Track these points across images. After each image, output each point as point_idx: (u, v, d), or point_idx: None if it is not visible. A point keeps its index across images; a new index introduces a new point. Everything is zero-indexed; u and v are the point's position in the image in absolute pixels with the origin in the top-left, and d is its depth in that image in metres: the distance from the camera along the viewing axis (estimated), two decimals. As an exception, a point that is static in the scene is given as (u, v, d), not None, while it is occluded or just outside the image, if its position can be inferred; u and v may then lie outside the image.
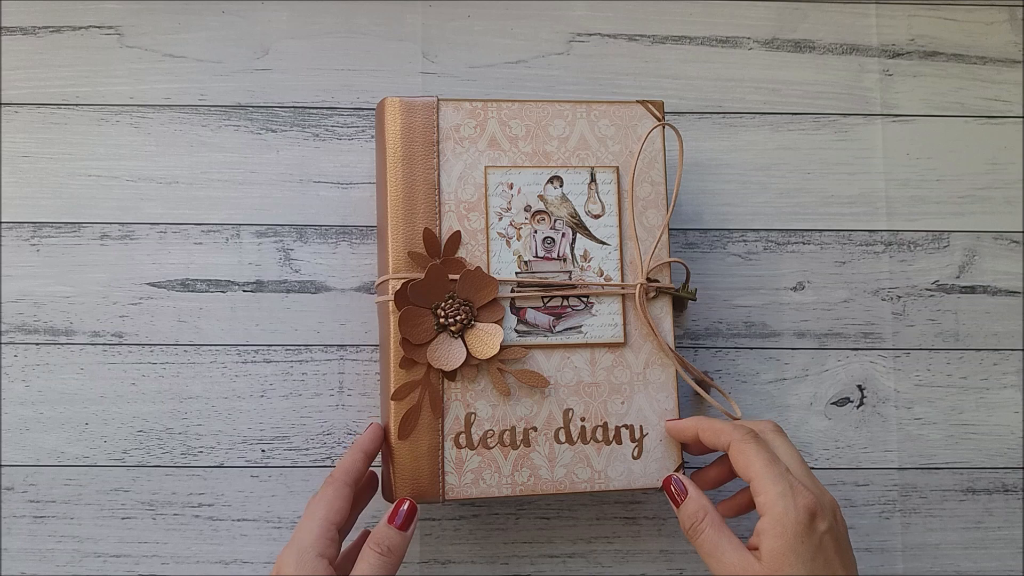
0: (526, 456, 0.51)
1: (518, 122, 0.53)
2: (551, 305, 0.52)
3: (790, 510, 0.44)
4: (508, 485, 0.51)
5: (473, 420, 0.51)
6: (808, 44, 0.64)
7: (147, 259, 0.59)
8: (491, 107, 0.53)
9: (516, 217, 0.53)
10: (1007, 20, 0.65)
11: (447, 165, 0.52)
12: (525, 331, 0.52)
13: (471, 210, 0.52)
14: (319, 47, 0.62)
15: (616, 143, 0.54)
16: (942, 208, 0.63)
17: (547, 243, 0.53)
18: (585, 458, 0.52)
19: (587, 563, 0.59)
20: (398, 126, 0.52)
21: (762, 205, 0.62)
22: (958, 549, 0.60)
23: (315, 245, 0.60)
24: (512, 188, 0.53)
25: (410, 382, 0.50)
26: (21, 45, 0.61)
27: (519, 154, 0.53)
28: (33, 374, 0.58)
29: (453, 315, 0.50)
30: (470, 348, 0.51)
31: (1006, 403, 0.61)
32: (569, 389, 0.52)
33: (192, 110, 0.61)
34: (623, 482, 0.52)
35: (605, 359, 0.52)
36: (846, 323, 0.61)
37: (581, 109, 0.54)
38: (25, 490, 0.57)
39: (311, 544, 0.45)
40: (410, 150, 0.52)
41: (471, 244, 0.52)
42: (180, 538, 0.57)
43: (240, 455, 0.58)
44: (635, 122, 0.54)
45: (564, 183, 0.53)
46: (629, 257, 0.53)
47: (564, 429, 0.52)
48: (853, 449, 0.60)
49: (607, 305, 0.53)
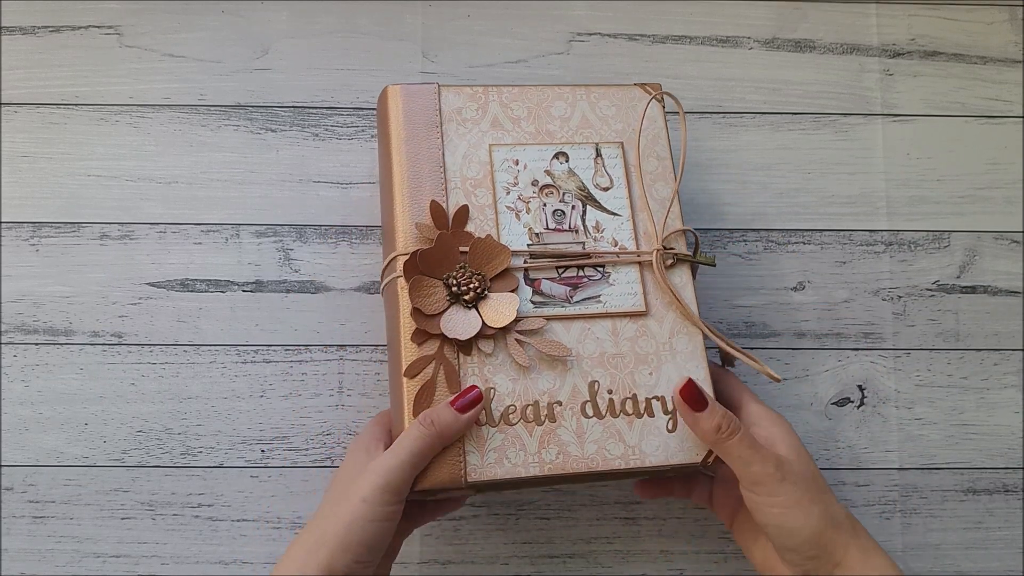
0: (552, 432, 0.48)
1: (519, 104, 0.53)
2: (566, 276, 0.51)
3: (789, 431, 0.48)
4: (536, 464, 0.47)
5: (493, 395, 0.48)
6: (808, 44, 0.64)
7: (147, 259, 0.59)
8: (492, 91, 0.53)
9: (524, 191, 0.52)
10: (1007, 20, 0.65)
11: (451, 145, 0.52)
12: (541, 302, 0.50)
13: (478, 186, 0.51)
14: (319, 47, 0.62)
15: (618, 122, 0.54)
16: (942, 208, 0.63)
17: (557, 215, 0.52)
18: (617, 432, 0.48)
19: (587, 563, 0.59)
20: (400, 110, 0.52)
21: (762, 205, 0.62)
22: (958, 549, 0.60)
23: (315, 245, 0.60)
24: (518, 164, 0.52)
25: (423, 357, 0.47)
26: (21, 45, 0.61)
27: (522, 133, 0.53)
28: (33, 374, 0.58)
29: (465, 283, 0.48)
30: (485, 317, 0.48)
31: (1006, 403, 0.61)
32: (592, 361, 0.49)
33: (192, 110, 0.61)
34: (660, 457, 0.48)
35: (628, 329, 0.50)
36: (846, 323, 0.61)
37: (581, 92, 0.54)
38: (25, 490, 0.57)
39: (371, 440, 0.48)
40: (413, 132, 0.51)
41: (479, 219, 0.51)
42: (180, 538, 0.57)
43: (240, 455, 0.58)
44: (635, 103, 0.54)
45: (570, 158, 0.53)
46: (643, 228, 0.52)
47: (591, 402, 0.49)
48: (853, 449, 0.60)
49: (624, 274, 0.51)
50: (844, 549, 0.45)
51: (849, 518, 0.47)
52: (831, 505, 0.46)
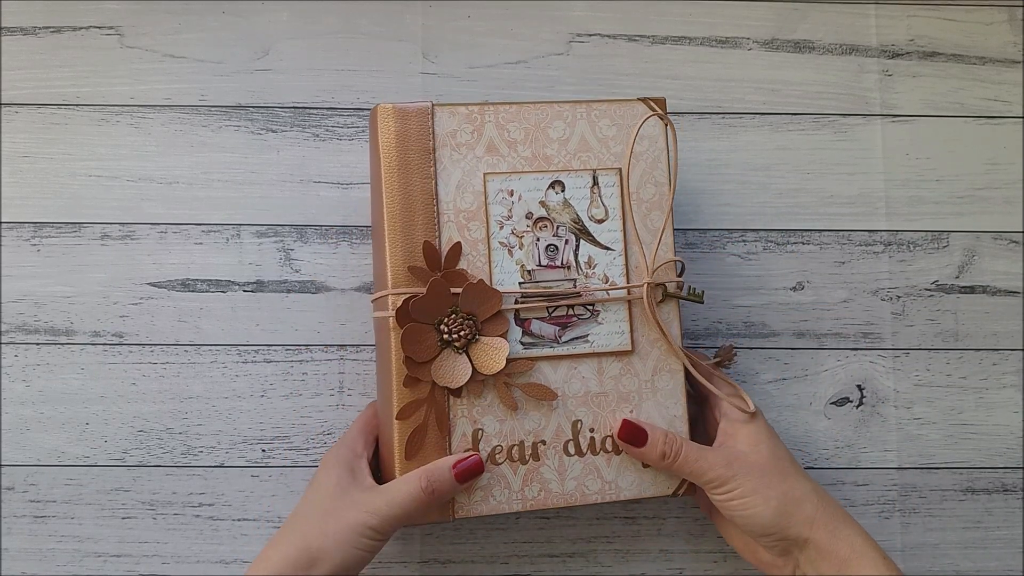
0: (535, 471, 0.50)
1: (516, 125, 0.51)
2: (556, 315, 0.51)
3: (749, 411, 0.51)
4: (518, 501, 0.50)
5: (480, 436, 0.50)
6: (808, 44, 0.64)
7: (147, 259, 0.59)
8: (488, 111, 0.51)
9: (518, 225, 0.51)
10: (1007, 20, 0.65)
11: (444, 173, 0.50)
12: (531, 343, 0.51)
13: (471, 219, 0.50)
14: (319, 47, 0.62)
15: (618, 143, 0.52)
16: (941, 208, 0.63)
17: (550, 251, 0.51)
18: (595, 469, 0.51)
19: (587, 563, 0.59)
20: (392, 134, 0.50)
21: (761, 205, 0.62)
22: (957, 549, 0.60)
23: (315, 245, 0.60)
24: (512, 195, 0.51)
25: (415, 401, 0.49)
26: (21, 45, 0.61)
27: (518, 159, 0.51)
28: (34, 374, 0.58)
29: (457, 331, 0.49)
30: (475, 363, 0.49)
31: (1005, 403, 0.61)
32: (577, 400, 0.51)
33: (192, 110, 0.61)
34: (634, 492, 0.51)
35: (613, 368, 0.51)
36: (845, 323, 0.61)
37: (581, 109, 0.52)
38: (25, 490, 0.58)
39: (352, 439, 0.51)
40: (405, 159, 0.50)
41: (472, 255, 0.50)
42: (180, 538, 0.57)
43: (240, 455, 0.58)
44: (636, 120, 0.52)
45: (566, 188, 0.52)
46: (634, 262, 0.52)
47: (573, 441, 0.51)
48: (852, 449, 0.60)
49: (613, 313, 0.51)
50: (809, 527, 0.47)
51: (816, 494, 0.49)
52: (792, 489, 0.48)
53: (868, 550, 0.47)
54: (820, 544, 0.47)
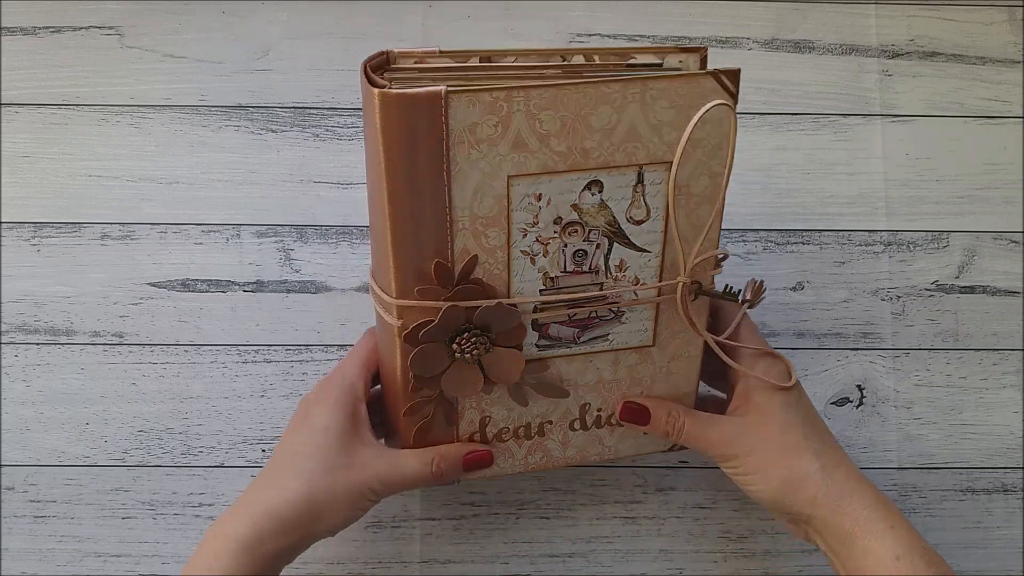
0: (540, 443, 0.51)
1: (551, 114, 0.41)
2: (577, 318, 0.47)
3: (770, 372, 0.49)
4: (520, 465, 0.51)
5: (488, 422, 0.50)
6: (808, 44, 0.64)
7: (147, 259, 0.59)
8: (517, 97, 0.40)
9: (544, 232, 0.44)
10: (1007, 20, 0.65)
11: (460, 176, 0.41)
12: (547, 344, 0.47)
13: (490, 225, 0.43)
14: (320, 47, 0.62)
15: (674, 130, 0.42)
16: (941, 208, 0.63)
17: (578, 256, 0.45)
18: (598, 439, 0.52)
19: (587, 563, 0.59)
20: (394, 130, 0.39)
21: (761, 205, 0.62)
22: (957, 549, 0.60)
23: (315, 245, 0.60)
24: (540, 199, 0.43)
25: (423, 399, 0.48)
26: (21, 45, 0.61)
27: (551, 155, 0.42)
28: (33, 374, 0.58)
29: (470, 349, 0.45)
30: (488, 372, 0.46)
31: (1005, 403, 0.61)
32: (589, 387, 0.50)
33: (192, 110, 0.61)
34: (631, 450, 0.52)
35: (629, 359, 0.49)
36: (845, 323, 0.62)
37: (634, 90, 0.41)
38: (25, 490, 0.58)
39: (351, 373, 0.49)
40: (413, 163, 0.40)
41: (489, 263, 0.44)
42: (180, 538, 0.57)
43: (240, 455, 0.58)
44: (701, 100, 0.41)
45: (604, 187, 0.43)
46: (670, 260, 0.46)
47: (579, 419, 0.51)
48: (852, 449, 0.60)
49: (639, 312, 0.47)
50: (811, 506, 0.47)
51: (822, 471, 0.47)
52: (796, 468, 0.47)
53: (873, 522, 0.46)
54: (823, 520, 0.47)
